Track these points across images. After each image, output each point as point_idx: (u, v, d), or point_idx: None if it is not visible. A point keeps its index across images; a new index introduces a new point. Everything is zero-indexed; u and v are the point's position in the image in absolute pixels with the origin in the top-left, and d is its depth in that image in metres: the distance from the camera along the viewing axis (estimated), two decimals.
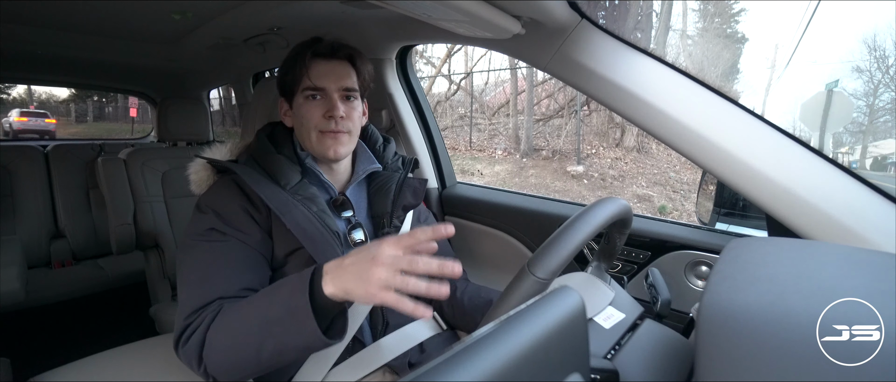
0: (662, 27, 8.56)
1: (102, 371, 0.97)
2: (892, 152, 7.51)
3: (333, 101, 0.85)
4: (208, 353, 0.71)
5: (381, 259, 0.60)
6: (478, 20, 0.81)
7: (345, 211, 0.91)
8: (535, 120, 8.17)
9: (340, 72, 0.88)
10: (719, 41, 9.05)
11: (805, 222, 0.71)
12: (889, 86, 7.74)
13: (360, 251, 0.64)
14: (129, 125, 13.53)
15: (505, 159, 8.00)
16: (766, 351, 0.40)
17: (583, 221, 0.58)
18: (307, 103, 0.87)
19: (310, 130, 0.86)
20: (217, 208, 0.82)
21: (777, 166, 0.73)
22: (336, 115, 0.85)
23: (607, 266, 0.78)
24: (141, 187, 1.74)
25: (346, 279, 0.62)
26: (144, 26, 1.45)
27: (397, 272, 0.60)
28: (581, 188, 6.89)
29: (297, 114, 0.89)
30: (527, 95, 8.18)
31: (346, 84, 0.88)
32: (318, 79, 0.86)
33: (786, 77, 9.11)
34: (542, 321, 0.38)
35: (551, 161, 7.53)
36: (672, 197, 6.57)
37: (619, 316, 0.64)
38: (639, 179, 6.97)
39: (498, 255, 1.37)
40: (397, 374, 0.87)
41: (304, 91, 0.87)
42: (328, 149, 0.86)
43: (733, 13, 9.73)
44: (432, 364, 0.32)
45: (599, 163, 7.30)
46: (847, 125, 7.41)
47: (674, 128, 0.79)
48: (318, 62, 0.87)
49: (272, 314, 0.67)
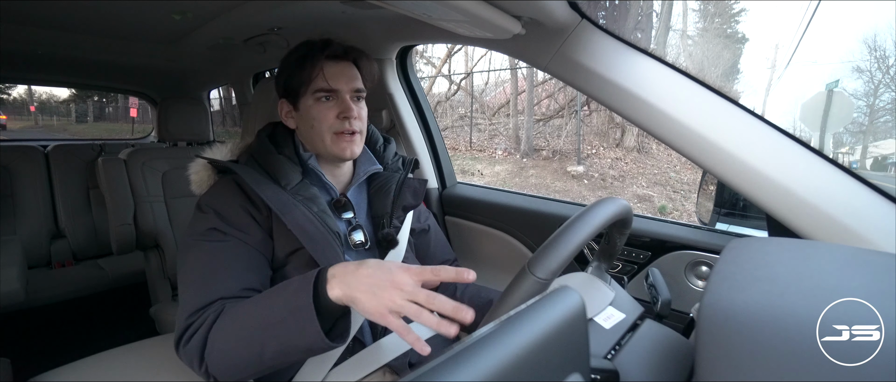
0: (663, 27, 8.55)
1: (103, 371, 0.97)
2: (891, 152, 7.51)
3: (347, 102, 0.87)
4: (210, 353, 0.71)
5: (401, 284, 0.61)
6: (478, 20, 0.81)
7: (345, 212, 0.91)
8: (536, 120, 8.18)
9: (350, 73, 0.89)
10: (719, 41, 9.06)
11: (805, 223, 0.71)
12: (889, 86, 7.74)
13: (378, 266, 0.64)
14: (129, 125, 13.55)
15: (505, 159, 8.01)
16: (766, 351, 0.40)
17: (583, 221, 0.57)
18: (319, 105, 0.87)
19: (323, 132, 0.87)
20: (218, 208, 0.82)
21: (777, 166, 0.73)
22: (351, 116, 0.86)
23: (607, 266, 0.78)
24: (141, 188, 1.74)
25: (357, 288, 0.62)
26: (145, 26, 1.45)
27: (411, 301, 0.61)
28: (581, 188, 6.90)
29: (306, 116, 0.89)
30: (527, 95, 8.18)
31: (357, 85, 0.89)
32: (332, 80, 0.86)
33: (786, 77, 9.11)
34: (543, 322, 0.38)
35: (551, 161, 7.54)
36: (672, 197, 6.58)
37: (620, 316, 0.64)
38: (639, 179, 6.98)
39: (498, 255, 1.38)
40: (397, 374, 0.87)
41: (315, 93, 0.87)
42: (344, 150, 0.87)
43: (734, 13, 9.74)
44: (432, 363, 0.32)
45: (600, 163, 7.31)
46: (847, 125, 7.42)
47: (674, 128, 0.79)
48: (331, 64, 0.87)
49: (275, 315, 0.67)
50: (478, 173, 7.71)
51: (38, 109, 16.92)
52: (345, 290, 0.63)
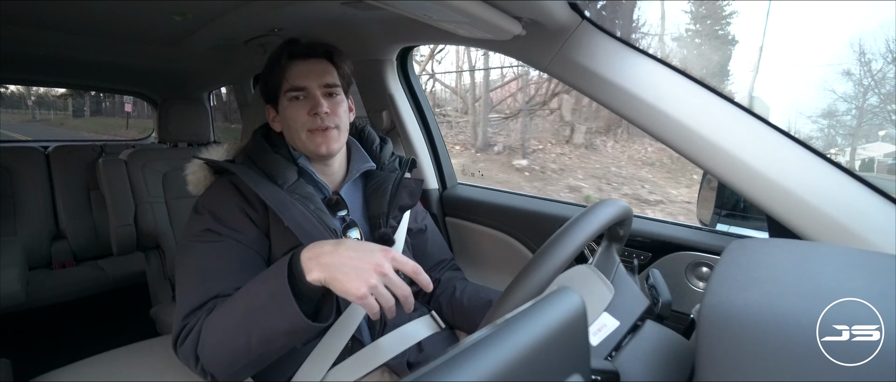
0: (647, 31, 8.73)
1: (103, 371, 0.97)
2: (878, 154, 7.54)
3: (317, 98, 0.86)
4: (202, 350, 0.72)
5: (383, 269, 0.63)
6: (478, 21, 0.81)
7: (339, 210, 0.91)
8: (503, 117, 8.67)
9: (320, 69, 0.89)
10: (707, 44, 9.17)
11: (805, 223, 0.71)
12: (874, 89, 7.78)
13: (359, 246, 0.65)
14: (124, 120, 13.82)
15: (461, 153, 8.55)
16: (766, 352, 0.40)
17: (579, 226, 0.57)
18: (292, 105, 0.88)
19: (298, 130, 0.87)
20: (213, 209, 0.83)
21: (777, 166, 0.73)
22: (320, 111, 0.85)
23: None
24: (142, 188, 1.74)
25: (338, 269, 0.63)
26: (145, 27, 1.45)
27: (383, 284, 0.63)
28: (521, 180, 7.38)
29: (283, 117, 0.90)
30: (483, 95, 8.75)
31: (327, 80, 0.89)
32: (299, 78, 0.87)
33: (768, 81, 9.11)
34: (543, 322, 0.38)
35: (502, 155, 8.03)
36: (603, 188, 6.93)
37: (613, 326, 0.62)
38: (577, 172, 7.37)
39: (498, 255, 1.37)
40: (396, 374, 0.87)
41: (287, 93, 0.87)
42: (319, 146, 0.87)
43: (724, 15, 9.73)
44: (433, 364, 0.32)
45: (544, 157, 7.77)
46: (838, 128, 7.51)
47: (675, 129, 0.79)
48: (297, 62, 0.88)
49: (255, 302, 0.68)
50: None
51: (35, 104, 17.04)
52: (323, 272, 0.63)
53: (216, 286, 0.76)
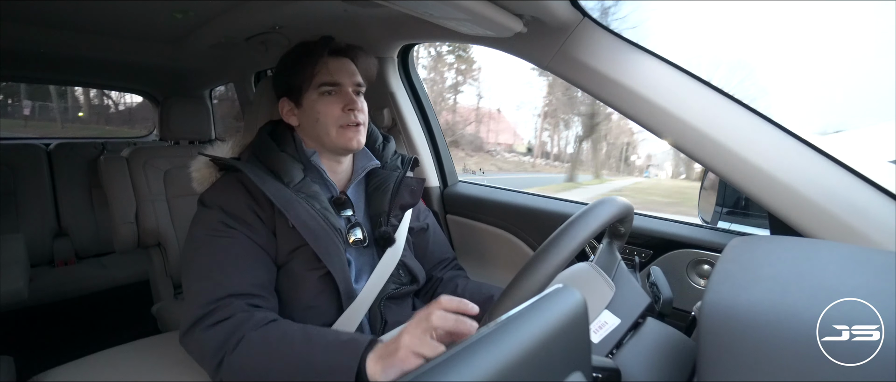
0: None
1: (105, 369, 0.97)
2: None
3: (350, 95, 0.89)
4: (235, 360, 0.70)
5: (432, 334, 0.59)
6: (479, 18, 0.81)
7: (345, 210, 0.91)
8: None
9: (352, 68, 0.92)
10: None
11: (807, 221, 0.71)
12: None
13: (410, 332, 0.60)
14: (22, 120, 13.63)
15: None
16: (766, 351, 0.41)
17: (580, 224, 0.57)
18: (324, 99, 0.89)
19: (329, 125, 0.88)
20: (222, 204, 0.83)
21: (779, 163, 0.73)
22: (356, 107, 0.89)
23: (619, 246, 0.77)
24: (143, 186, 1.74)
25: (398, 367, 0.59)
26: (146, 25, 1.45)
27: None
28: None
29: (309, 111, 0.90)
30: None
31: (358, 80, 0.92)
32: (336, 74, 0.89)
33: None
34: (544, 320, 0.38)
35: None
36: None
37: (614, 323, 0.63)
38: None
39: (499, 253, 1.38)
40: None
41: (319, 87, 0.88)
42: (350, 140, 0.89)
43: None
44: (433, 362, 0.32)
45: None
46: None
47: (676, 126, 0.79)
48: (333, 59, 0.91)
49: (315, 364, 0.66)
50: None
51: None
52: (386, 377, 0.60)
53: (231, 281, 0.76)
